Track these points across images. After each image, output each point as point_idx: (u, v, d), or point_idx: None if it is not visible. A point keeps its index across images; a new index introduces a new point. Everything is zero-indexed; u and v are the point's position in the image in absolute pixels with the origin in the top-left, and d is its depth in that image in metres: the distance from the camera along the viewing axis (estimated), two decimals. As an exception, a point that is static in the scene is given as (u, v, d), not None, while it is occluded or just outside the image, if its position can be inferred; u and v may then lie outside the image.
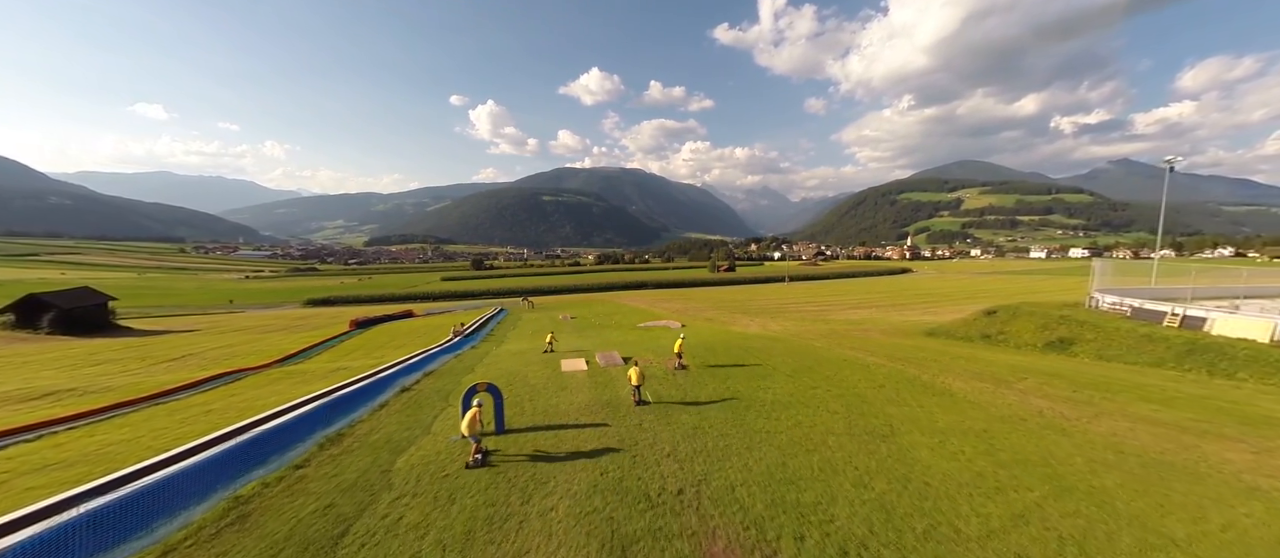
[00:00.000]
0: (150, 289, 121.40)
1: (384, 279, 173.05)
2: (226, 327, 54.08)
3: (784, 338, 27.58)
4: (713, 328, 37.17)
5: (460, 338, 31.98)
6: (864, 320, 40.38)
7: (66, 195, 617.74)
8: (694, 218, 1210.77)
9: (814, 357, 21.11)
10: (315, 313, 67.69)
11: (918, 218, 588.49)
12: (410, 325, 48.92)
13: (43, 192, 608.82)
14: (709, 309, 55.18)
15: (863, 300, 61.77)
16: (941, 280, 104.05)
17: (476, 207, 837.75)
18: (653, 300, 71.18)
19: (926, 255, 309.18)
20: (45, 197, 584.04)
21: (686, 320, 42.84)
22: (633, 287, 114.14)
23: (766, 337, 28.63)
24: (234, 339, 43.48)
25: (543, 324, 44.47)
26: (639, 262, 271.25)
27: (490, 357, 24.37)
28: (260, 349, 35.50)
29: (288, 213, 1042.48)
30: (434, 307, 72.47)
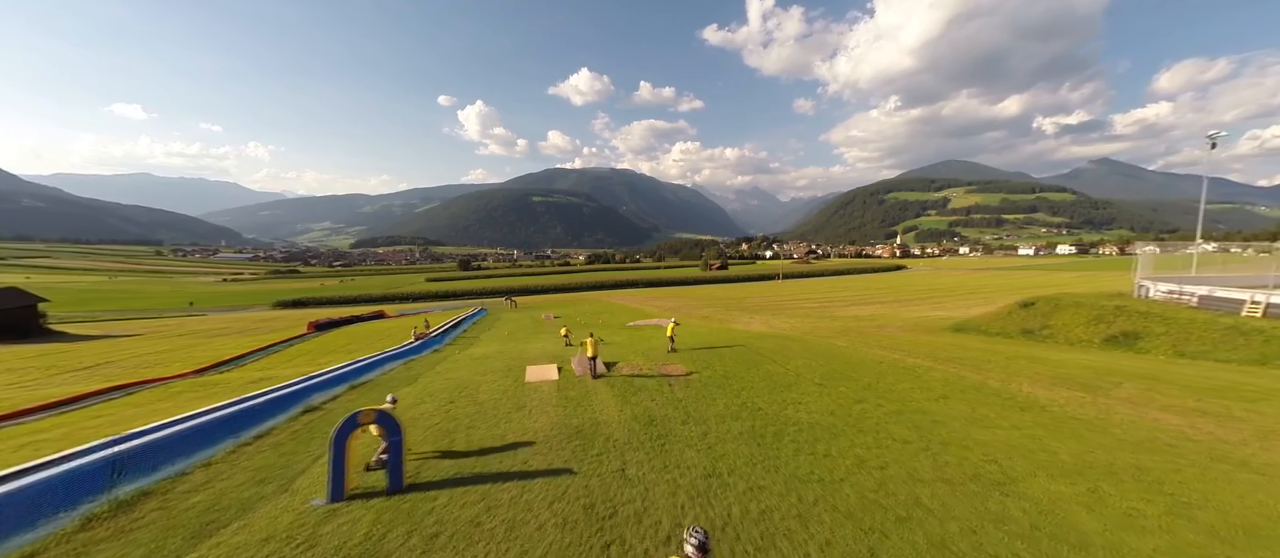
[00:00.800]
0: (116, 292, 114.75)
1: (367, 281, 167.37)
2: (174, 331, 49.06)
3: (797, 337, 23.77)
4: (711, 326, 33.32)
5: (422, 341, 27.71)
6: (875, 316, 36.80)
7: (40, 198, 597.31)
8: (685, 218, 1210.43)
9: (842, 359, 17.29)
10: (278, 316, 62.65)
11: (905, 217, 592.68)
12: (375, 328, 44.40)
13: (14, 194, 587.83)
14: (704, 306, 51.39)
15: (865, 296, 58.39)
16: (940, 276, 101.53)
17: (465, 208, 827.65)
18: (643, 299, 67.26)
19: (917, 253, 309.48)
20: (17, 199, 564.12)
21: (681, 318, 38.98)
22: (623, 285, 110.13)
23: (776, 336, 24.81)
24: (173, 344, 38.69)
25: (522, 325, 40.29)
26: (629, 261, 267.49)
27: (447, 363, 20.19)
28: (192, 356, 30.89)
29: (272, 215, 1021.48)
30: (410, 307, 67.80)
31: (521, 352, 22.44)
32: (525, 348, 24.33)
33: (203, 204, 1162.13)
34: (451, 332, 34.70)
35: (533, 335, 31.95)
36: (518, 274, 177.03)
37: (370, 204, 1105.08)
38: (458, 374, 16.62)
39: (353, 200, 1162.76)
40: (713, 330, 30.11)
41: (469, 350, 25.11)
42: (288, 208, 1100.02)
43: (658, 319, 38.38)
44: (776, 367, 15.77)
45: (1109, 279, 48.47)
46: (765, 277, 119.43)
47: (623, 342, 24.92)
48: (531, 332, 34.60)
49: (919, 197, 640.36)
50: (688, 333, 27.11)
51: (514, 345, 26.40)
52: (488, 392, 13.28)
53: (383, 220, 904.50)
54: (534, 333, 33.83)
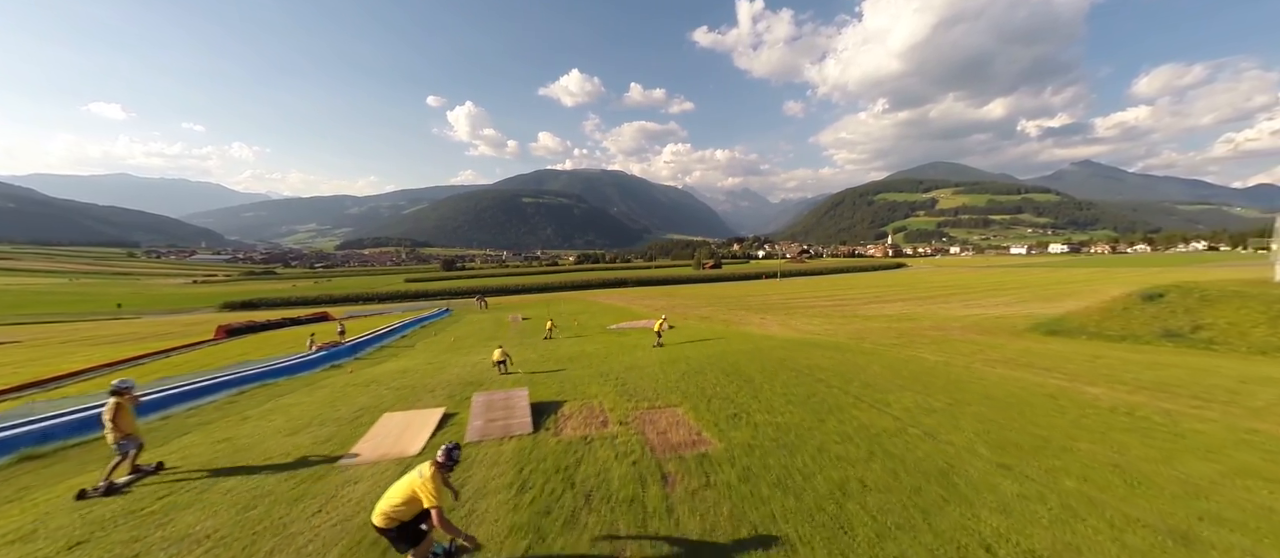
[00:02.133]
0: (67, 295, 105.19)
1: (344, 282, 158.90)
2: (56, 337, 41.17)
3: (845, 344, 17.22)
4: (714, 328, 26.54)
5: (324, 351, 20.46)
6: (911, 315, 30.24)
7: (12, 198, 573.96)
8: (676, 219, 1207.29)
9: (966, 388, 10.54)
10: (201, 321, 54.44)
11: (894, 218, 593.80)
12: (296, 333, 36.96)
13: None
14: (701, 306, 44.60)
15: (880, 294, 51.97)
16: (946, 274, 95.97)
17: (455, 209, 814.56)
18: (632, 298, 60.26)
19: (909, 253, 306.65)
20: None
21: (675, 321, 32.18)
22: (612, 285, 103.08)
23: (813, 342, 18.16)
24: (25, 354, 31.06)
25: (481, 328, 33.11)
26: (619, 261, 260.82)
27: (307, 393, 13.08)
28: (17, 372, 23.25)
29: (256, 216, 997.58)
30: (367, 309, 60.11)
31: (442, 369, 15.43)
32: (455, 362, 17.29)
33: (184, 206, 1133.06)
34: (384, 337, 27.40)
35: (484, 342, 24.93)
36: (504, 274, 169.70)
37: (357, 206, 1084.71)
38: (270, 424, 9.51)
39: (339, 202, 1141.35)
40: (719, 334, 23.34)
41: (379, 366, 18.01)
42: (272, 209, 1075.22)
43: (646, 320, 31.42)
44: (873, 413, 8.80)
45: (1161, 274, 42.44)
46: (760, 275, 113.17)
47: (596, 352, 18.02)
48: (485, 337, 27.54)
49: (908, 198, 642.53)
50: (688, 338, 20.31)
51: (448, 358, 19.33)
52: (238, 497, 6.14)
53: (370, 222, 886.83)
54: (489, 338, 26.79)
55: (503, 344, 17.52)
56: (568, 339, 26.08)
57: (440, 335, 30.40)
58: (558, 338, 26.17)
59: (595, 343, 22.59)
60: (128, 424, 6.79)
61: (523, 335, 28.22)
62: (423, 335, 30.45)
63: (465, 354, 20.62)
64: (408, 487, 4.27)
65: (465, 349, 22.83)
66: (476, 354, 20.34)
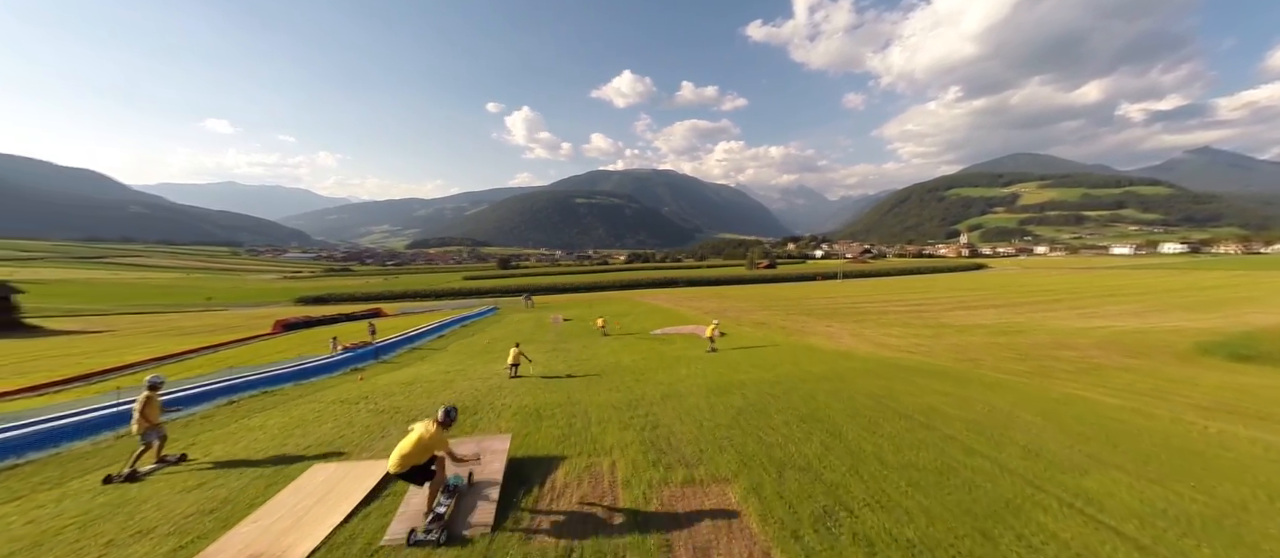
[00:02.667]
0: (180, 288, 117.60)
1: (409, 278, 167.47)
2: (145, 327, 44.03)
3: (959, 371, 13.42)
4: (772, 338, 22.97)
5: (351, 352, 19.12)
6: (1018, 327, 25.01)
7: (144, 205, 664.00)
8: (727, 218, 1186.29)
9: (1204, 458, 6.64)
10: (274, 314, 57.17)
11: (968, 214, 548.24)
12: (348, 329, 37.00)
13: (123, 202, 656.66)
14: (755, 309, 40.70)
15: (964, 299, 45.43)
16: (1042, 277, 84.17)
17: (511, 210, 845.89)
18: (681, 299, 57.02)
19: (987, 253, 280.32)
20: (125, 206, 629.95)
21: (727, 326, 28.83)
22: (660, 284, 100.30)
23: (909, 365, 14.51)
24: (112, 342, 32.81)
25: (519, 330, 31.34)
26: (670, 260, 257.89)
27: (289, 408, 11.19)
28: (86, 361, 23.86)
29: (339, 219, 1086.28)
30: (418, 305, 60.93)
31: (455, 379, 13.27)
32: (475, 371, 15.15)
33: (280, 209, 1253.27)
34: (418, 338, 26.13)
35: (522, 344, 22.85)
36: (555, 273, 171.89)
37: (424, 208, 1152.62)
38: (205, 456, 7.43)
39: (409, 204, 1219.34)
40: (777, 344, 19.82)
41: (394, 373, 16.27)
42: (352, 212, 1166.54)
43: (694, 326, 28.24)
44: (1072, 521, 5.11)
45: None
46: (818, 276, 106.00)
47: (632, 365, 15.24)
48: (520, 340, 25.53)
49: (984, 193, 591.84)
50: (743, 348, 17.01)
51: (471, 364, 17.29)
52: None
53: (435, 223, 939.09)
54: (524, 340, 24.76)
55: (520, 344, 16.41)
56: (606, 341, 23.55)
57: (477, 336, 28.91)
58: (599, 340, 23.81)
59: (634, 351, 19.85)
60: (154, 416, 7.44)
61: (560, 338, 26.04)
62: (459, 336, 29.09)
63: (491, 361, 18.57)
64: (417, 440, 5.15)
65: (494, 354, 20.86)
66: (502, 362, 18.27)
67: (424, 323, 33.65)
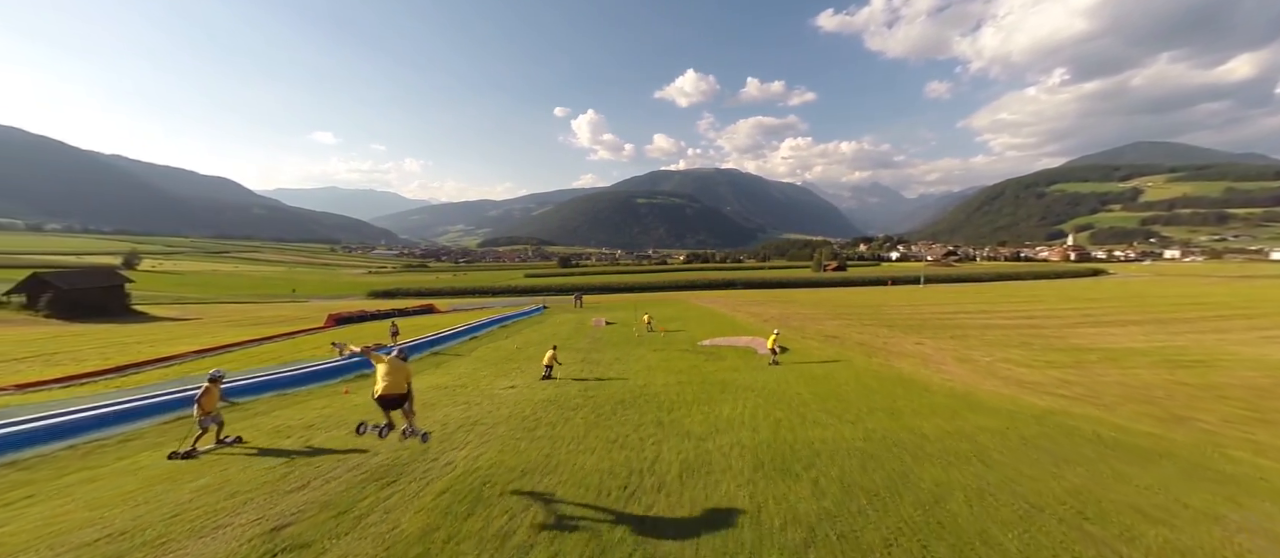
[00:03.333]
0: (279, 279, 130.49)
1: (476, 275, 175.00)
2: (226, 316, 46.97)
3: (1182, 448, 8.65)
4: (848, 355, 18.68)
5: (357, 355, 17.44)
6: (1193, 355, 18.67)
7: (264, 207, 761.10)
8: (793, 218, 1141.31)
9: None
10: (338, 307, 59.61)
11: (1076, 213, 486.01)
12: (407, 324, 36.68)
13: (248, 205, 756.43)
14: (824, 317, 35.68)
15: (1091, 312, 37.03)
16: (1186, 286, 69.03)
17: (575, 211, 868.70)
18: (739, 303, 52.47)
19: (1101, 256, 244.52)
20: (250, 209, 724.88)
21: (790, 336, 24.65)
22: (718, 286, 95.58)
23: (1125, 432, 9.90)
24: (195, 329, 34.64)
25: (557, 332, 28.99)
26: (730, 261, 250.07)
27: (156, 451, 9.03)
28: (163, 346, 24.44)
29: (421, 219, 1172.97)
30: (470, 302, 61.14)
31: (453, 399, 10.70)
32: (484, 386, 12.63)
33: (371, 210, 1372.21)
34: (445, 339, 24.42)
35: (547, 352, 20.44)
36: (613, 272, 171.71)
37: (495, 209, 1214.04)
38: None
39: (481, 205, 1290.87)
40: (860, 372, 15.63)
41: (431, 376, 14.01)
42: (432, 213, 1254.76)
43: (751, 338, 24.25)
44: None
45: None
46: (888, 280, 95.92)
47: (664, 392, 11.94)
48: (557, 345, 23.09)
49: (1096, 187, 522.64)
50: (813, 385, 13.21)
51: (484, 377, 14.88)
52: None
53: (505, 223, 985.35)
54: (561, 346, 22.33)
55: (556, 347, 16.33)
56: (644, 352, 20.42)
57: (510, 339, 26.92)
58: (637, 348, 20.80)
59: (672, 369, 16.56)
60: (210, 404, 8.48)
61: (595, 344, 23.30)
62: (492, 338, 27.24)
63: (510, 373, 16.10)
64: (400, 372, 7.03)
65: (518, 363, 18.45)
66: (524, 375, 15.69)
67: (461, 322, 32.35)
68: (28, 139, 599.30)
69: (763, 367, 16.96)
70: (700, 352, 20.90)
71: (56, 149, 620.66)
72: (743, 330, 28.25)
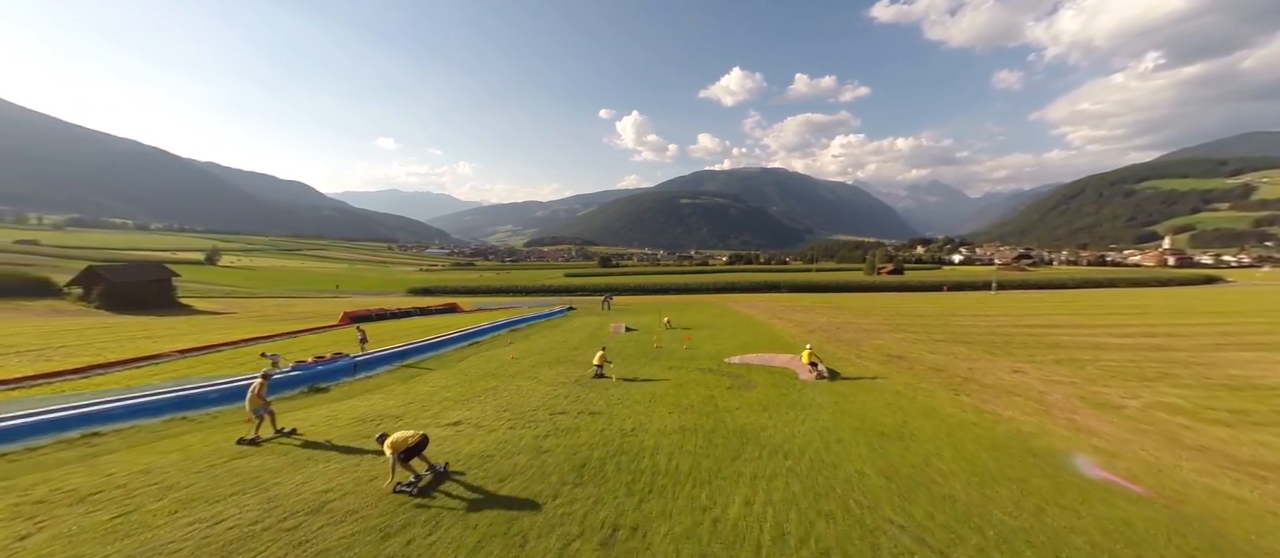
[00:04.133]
0: (336, 275, 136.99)
1: (518, 274, 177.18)
2: (262, 311, 47.28)
3: None
4: (918, 385, 14.16)
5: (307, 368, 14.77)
6: None
7: (333, 209, 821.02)
8: (843, 218, 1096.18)
9: None
10: (378, 303, 59.47)
11: (1173, 213, 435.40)
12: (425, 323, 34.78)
13: (319, 206, 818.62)
14: (882, 327, 30.44)
15: (1227, 331, 29.39)
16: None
17: (618, 211, 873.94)
18: (780, 308, 47.44)
19: (1206, 262, 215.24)
20: (320, 210, 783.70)
21: (841, 355, 20.12)
22: (762, 289, 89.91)
23: None
24: (222, 322, 34.31)
25: (570, 338, 25.73)
26: (775, 262, 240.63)
27: None
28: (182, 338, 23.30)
29: (472, 220, 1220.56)
30: (497, 301, 59.34)
31: (375, 431, 7.42)
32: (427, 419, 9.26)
33: (428, 211, 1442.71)
34: (431, 348, 21.67)
35: (549, 365, 17.37)
36: (653, 273, 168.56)
37: (542, 210, 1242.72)
38: None
39: (528, 206, 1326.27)
40: (950, 427, 11.07)
41: (290, 415, 11.09)
42: (483, 214, 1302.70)
43: (791, 355, 19.85)
44: None
45: None
46: (963, 285, 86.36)
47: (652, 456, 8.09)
48: (558, 358, 19.88)
49: (1198, 184, 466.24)
50: (890, 451, 8.86)
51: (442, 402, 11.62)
52: None
53: (551, 223, 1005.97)
54: (559, 360, 19.07)
55: (606, 347, 16.65)
56: (658, 370, 16.75)
57: (517, 344, 23.96)
58: (648, 362, 17.20)
59: (679, 403, 12.71)
60: (260, 398, 9.70)
61: (623, 357, 19.87)
62: (494, 344, 24.34)
63: (475, 400, 12.88)
64: None
65: (502, 381, 15.25)
66: (494, 400, 12.43)
67: (471, 324, 29.82)
68: (140, 150, 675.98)
69: (802, 401, 12.82)
70: (725, 373, 16.92)
71: (162, 158, 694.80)
72: (783, 344, 23.78)
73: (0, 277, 46.03)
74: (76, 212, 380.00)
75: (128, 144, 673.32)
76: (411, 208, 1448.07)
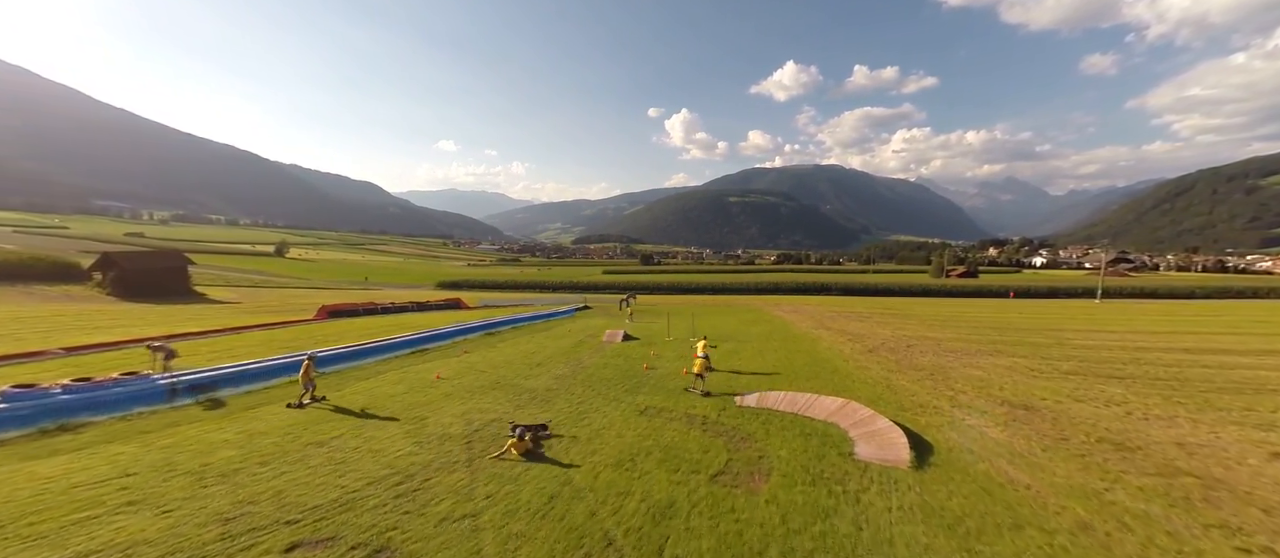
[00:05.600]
0: (387, 268, 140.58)
1: (560, 270, 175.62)
2: (257, 302, 45.13)
3: None
4: (1135, 507, 7.01)
5: (168, 377, 9.81)
6: None
7: (398, 207, 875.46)
8: (904, 218, 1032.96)
9: None
10: (407, 296, 56.48)
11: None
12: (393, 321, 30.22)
13: (385, 204, 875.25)
14: (973, 346, 22.39)
15: None
16: None
17: (665, 209, 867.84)
18: (831, 314, 39.37)
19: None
20: (386, 208, 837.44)
21: (927, 387, 12.99)
22: (809, 290, 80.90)
23: None
24: (220, 311, 31.56)
25: (547, 347, 19.91)
26: (827, 263, 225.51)
27: None
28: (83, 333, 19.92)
29: (525, 218, 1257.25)
30: (515, 297, 54.87)
31: None
32: None
33: (483, 210, 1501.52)
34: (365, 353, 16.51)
35: (470, 394, 11.56)
36: (693, 271, 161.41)
37: (590, 208, 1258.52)
38: None
39: (577, 205, 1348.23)
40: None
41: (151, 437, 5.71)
42: (534, 212, 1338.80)
43: (842, 401, 12.91)
44: None
45: None
46: (1052, 292, 73.16)
47: None
48: (501, 384, 13.98)
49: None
50: None
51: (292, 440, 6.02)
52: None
53: (598, 221, 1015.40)
54: (494, 385, 13.24)
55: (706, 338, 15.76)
56: (621, 416, 10.57)
57: (467, 356, 18.53)
58: (625, 393, 11.08)
59: (576, 538, 6.58)
60: (309, 375, 11.99)
61: (562, 384, 13.88)
62: (443, 353, 19.00)
63: (274, 464, 7.40)
64: None
65: (349, 434, 9.72)
66: (279, 478, 6.87)
67: (449, 323, 24.81)
68: (235, 153, 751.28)
69: (862, 548, 6.23)
70: (724, 429, 10.37)
71: (253, 160, 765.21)
72: (827, 373, 16.69)
73: (35, 259, 46.92)
74: (181, 208, 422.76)
75: (225, 148, 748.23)
76: (468, 206, 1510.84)
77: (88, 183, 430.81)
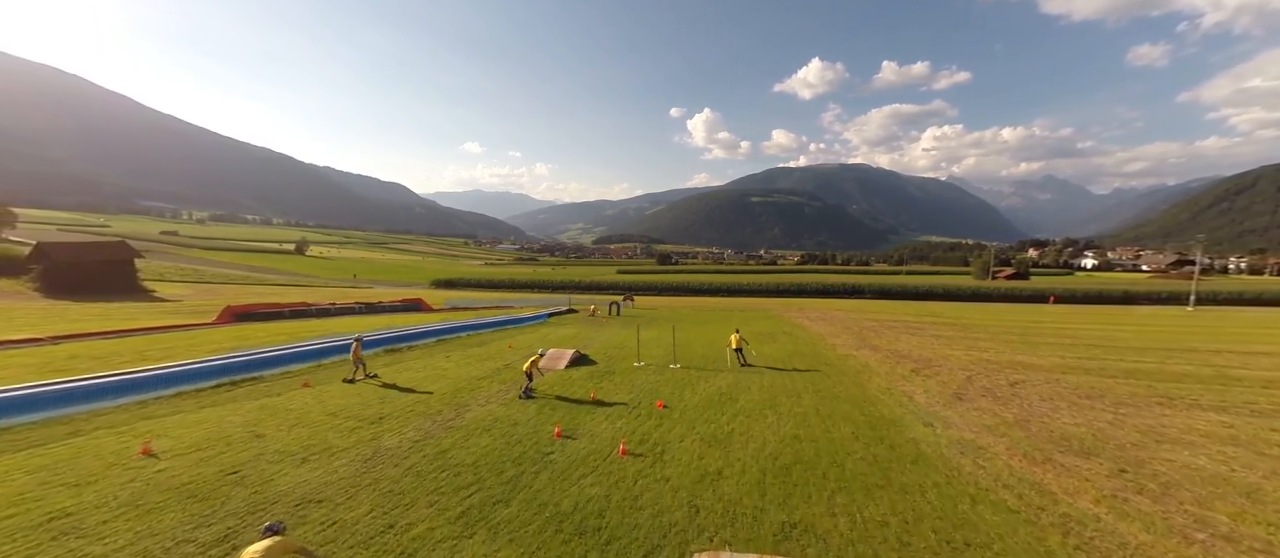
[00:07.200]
0: (398, 265, 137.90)
1: (576, 270, 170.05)
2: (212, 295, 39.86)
3: None
4: None
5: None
6: None
7: (423, 207, 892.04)
8: (934, 218, 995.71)
9: None
10: (402, 294, 50.61)
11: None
12: (311, 326, 23.86)
13: (411, 204, 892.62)
14: (1145, 398, 14.50)
15: None
16: None
17: (687, 209, 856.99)
18: (872, 323, 31.13)
19: None
20: (413, 208, 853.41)
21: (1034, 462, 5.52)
22: (839, 293, 72.30)
23: None
24: (115, 311, 26.08)
25: (462, 365, 12.92)
26: (856, 263, 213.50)
27: None
28: None
29: (547, 218, 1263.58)
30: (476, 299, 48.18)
31: None
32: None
33: (507, 210, 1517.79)
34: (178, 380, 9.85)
35: None
36: (712, 272, 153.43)
37: (612, 208, 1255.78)
38: None
39: (599, 205, 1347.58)
40: None
41: None
42: (556, 212, 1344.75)
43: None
44: None
45: None
46: (1106, 296, 62.49)
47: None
48: (319, 430, 6.81)
49: None
50: None
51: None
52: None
53: (619, 221, 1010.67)
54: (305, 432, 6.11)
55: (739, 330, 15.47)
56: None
57: (308, 390, 11.91)
58: None
59: None
60: (357, 355, 14.45)
61: (393, 497, 7.03)
62: (283, 382, 12.38)
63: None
64: None
65: None
66: None
67: (352, 333, 18.20)
68: (270, 155, 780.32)
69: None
70: None
71: (287, 161, 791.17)
72: (910, 458, 9.28)
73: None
74: (221, 208, 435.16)
75: (262, 151, 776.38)
76: (492, 206, 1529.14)
77: (134, 184, 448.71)
